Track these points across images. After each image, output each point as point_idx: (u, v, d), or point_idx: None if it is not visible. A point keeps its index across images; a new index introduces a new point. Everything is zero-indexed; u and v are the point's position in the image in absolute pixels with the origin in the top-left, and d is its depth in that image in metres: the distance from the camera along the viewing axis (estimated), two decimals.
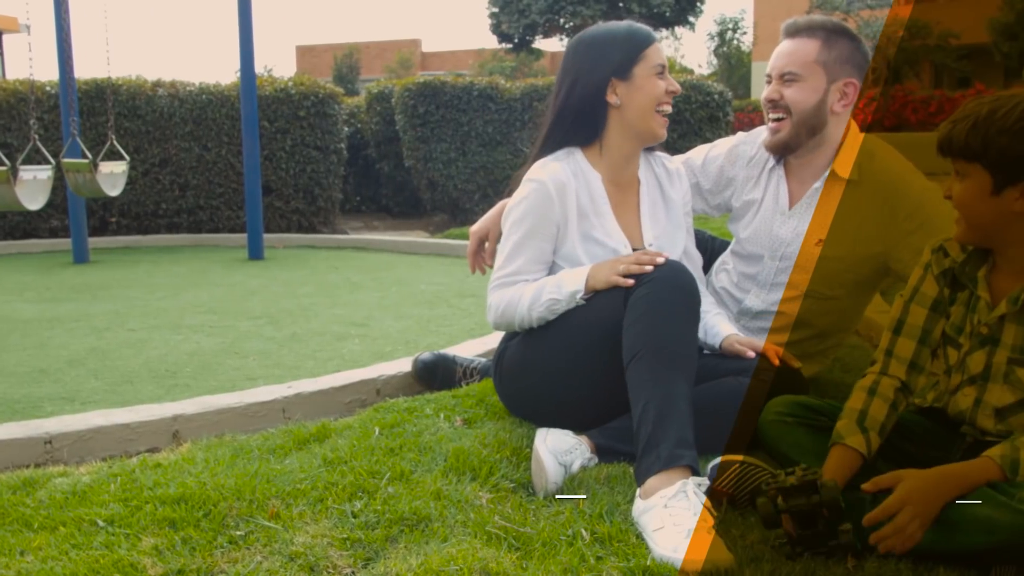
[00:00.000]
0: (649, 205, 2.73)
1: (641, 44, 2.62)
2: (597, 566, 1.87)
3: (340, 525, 2.05)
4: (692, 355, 2.32)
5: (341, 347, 4.18)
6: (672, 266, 2.41)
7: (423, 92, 9.55)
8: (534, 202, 2.59)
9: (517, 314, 2.57)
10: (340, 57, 38.92)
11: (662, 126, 2.65)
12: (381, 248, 8.17)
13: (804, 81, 2.74)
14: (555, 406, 2.58)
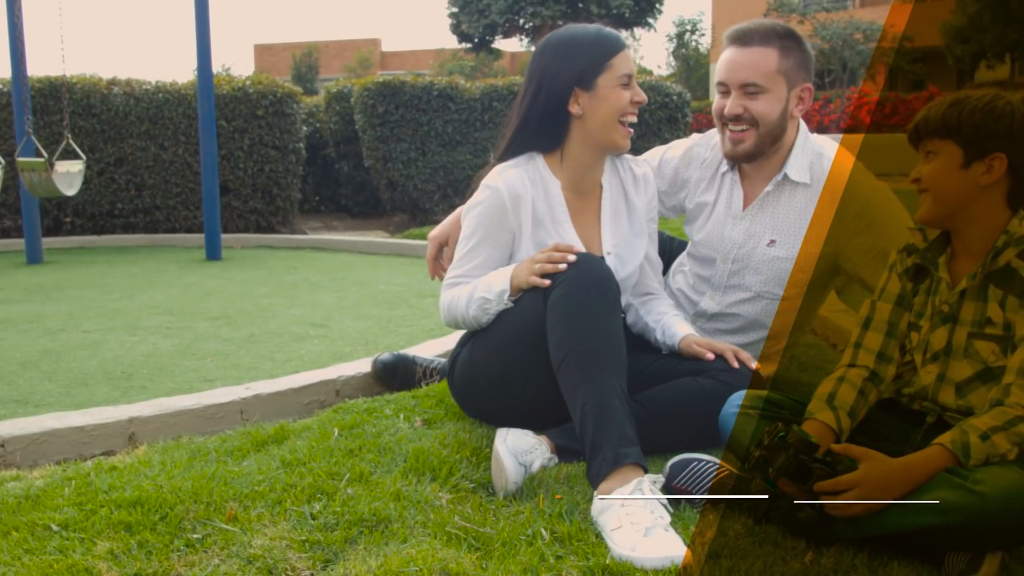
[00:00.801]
0: (611, 212, 2.72)
1: (607, 53, 2.57)
2: (557, 565, 1.87)
3: (299, 527, 2.04)
4: (618, 348, 2.30)
5: (300, 348, 4.16)
6: (585, 261, 2.39)
7: (382, 92, 9.51)
8: (488, 209, 2.59)
9: (459, 313, 2.59)
10: (299, 56, 38.68)
11: (625, 137, 2.62)
12: (340, 248, 8.12)
13: (769, 92, 2.72)
14: (503, 408, 2.59)
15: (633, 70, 2.62)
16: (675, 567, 1.85)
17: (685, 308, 3.00)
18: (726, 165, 2.91)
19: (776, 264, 2.82)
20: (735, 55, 2.74)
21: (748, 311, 2.89)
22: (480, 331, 2.59)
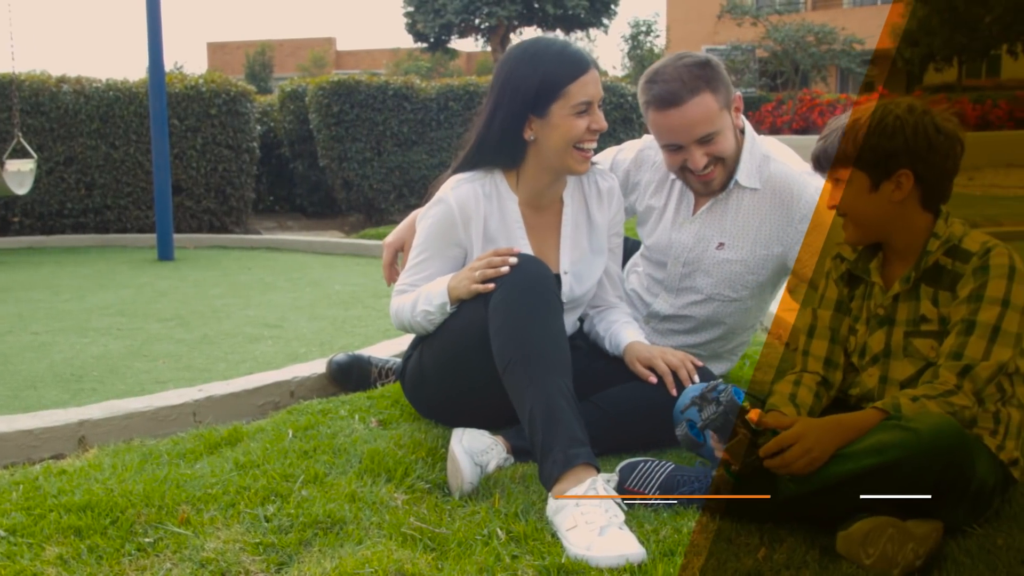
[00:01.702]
0: (571, 229, 2.70)
1: (564, 79, 2.47)
2: (512, 565, 1.88)
3: (252, 530, 2.02)
4: (562, 348, 2.30)
5: (254, 349, 4.12)
6: (523, 263, 2.38)
7: (337, 91, 9.46)
8: (438, 223, 2.57)
9: (406, 320, 2.59)
10: (253, 54, 38.37)
11: (581, 162, 2.55)
12: (295, 248, 8.07)
13: (721, 133, 2.69)
14: (455, 410, 2.59)
15: (595, 95, 2.51)
16: (630, 565, 1.86)
17: (639, 309, 3.02)
18: None
19: (726, 267, 2.84)
20: (677, 117, 2.65)
21: (700, 312, 2.92)
22: (428, 336, 2.59)
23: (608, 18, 26.98)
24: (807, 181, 2.77)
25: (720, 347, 3.02)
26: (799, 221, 2.76)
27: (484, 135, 2.57)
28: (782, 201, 2.78)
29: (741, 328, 3.01)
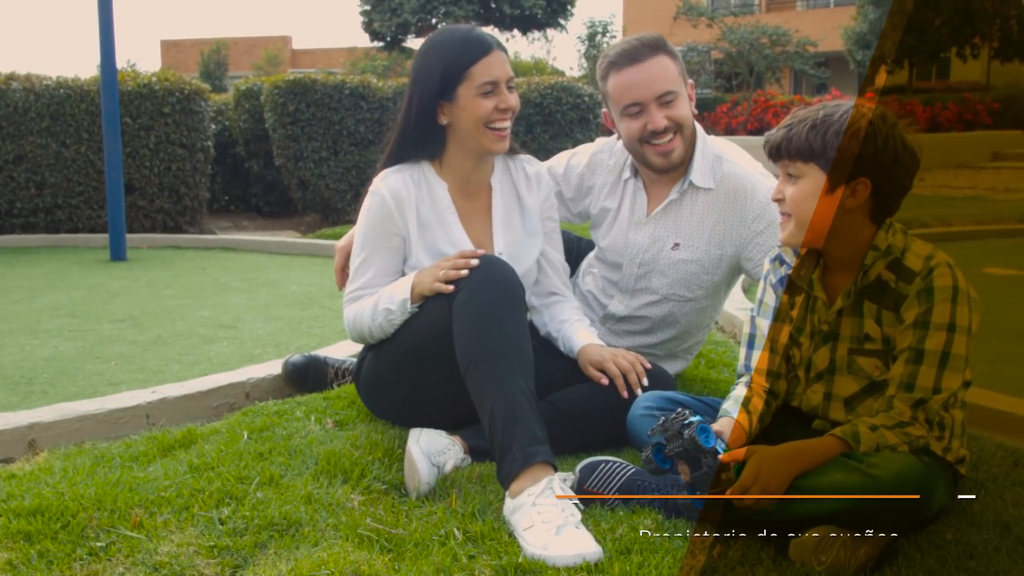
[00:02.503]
0: (502, 212, 2.73)
1: (466, 62, 2.53)
2: (470, 565, 1.88)
3: (207, 533, 2.00)
4: (524, 349, 2.31)
5: (208, 350, 4.08)
6: (488, 264, 2.40)
7: (293, 90, 9.39)
8: (375, 215, 2.60)
9: (365, 327, 2.57)
10: (207, 53, 37.95)
11: (496, 141, 2.60)
12: (250, 248, 8.00)
13: (679, 96, 2.78)
14: (411, 412, 2.59)
15: (500, 75, 2.57)
16: (586, 564, 1.87)
17: (595, 310, 3.03)
18: (628, 171, 2.95)
19: (681, 267, 2.87)
20: (638, 73, 2.75)
21: (656, 313, 2.94)
22: (387, 341, 2.58)
23: (565, 18, 27.02)
24: (760, 181, 2.82)
25: (675, 347, 3.04)
26: (752, 221, 2.79)
27: (404, 126, 2.63)
28: (735, 201, 2.81)
29: (696, 328, 3.04)
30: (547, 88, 10.19)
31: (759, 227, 2.78)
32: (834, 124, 1.98)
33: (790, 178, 2.07)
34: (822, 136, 1.98)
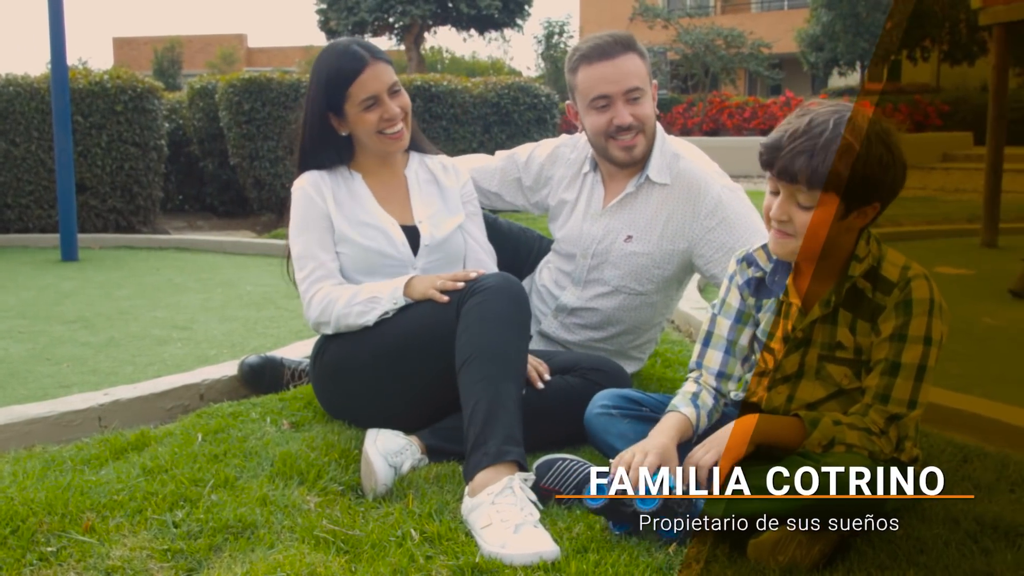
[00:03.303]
0: (420, 194, 2.83)
1: (342, 84, 2.67)
2: (427, 565, 1.88)
3: (160, 536, 1.98)
4: (522, 361, 2.39)
5: (162, 351, 4.04)
6: (504, 278, 2.48)
7: (248, 88, 9.31)
8: (301, 204, 2.73)
9: (335, 312, 2.59)
10: (161, 50, 37.51)
11: (393, 143, 2.75)
12: (205, 248, 7.91)
13: (646, 95, 2.84)
14: (377, 408, 2.58)
15: (377, 89, 2.68)
16: (544, 563, 1.88)
17: (547, 303, 3.05)
18: (588, 165, 2.99)
19: (633, 259, 2.90)
20: (609, 68, 2.80)
21: (606, 305, 2.97)
22: (367, 332, 2.57)
23: (522, 18, 27.09)
24: (715, 180, 2.86)
25: (627, 344, 3.07)
26: (704, 217, 2.83)
27: (304, 141, 2.77)
28: (689, 197, 2.85)
29: (647, 325, 3.06)
30: (504, 88, 10.20)
31: (711, 224, 2.82)
32: (861, 154, 1.90)
33: (800, 205, 1.98)
34: (850, 167, 1.90)
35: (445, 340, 2.41)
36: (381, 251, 2.70)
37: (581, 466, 2.23)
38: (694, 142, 3.19)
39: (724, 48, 25.28)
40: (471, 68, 37.19)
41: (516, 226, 3.24)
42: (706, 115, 21.20)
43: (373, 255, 2.70)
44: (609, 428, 2.28)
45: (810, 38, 26.78)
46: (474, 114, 9.99)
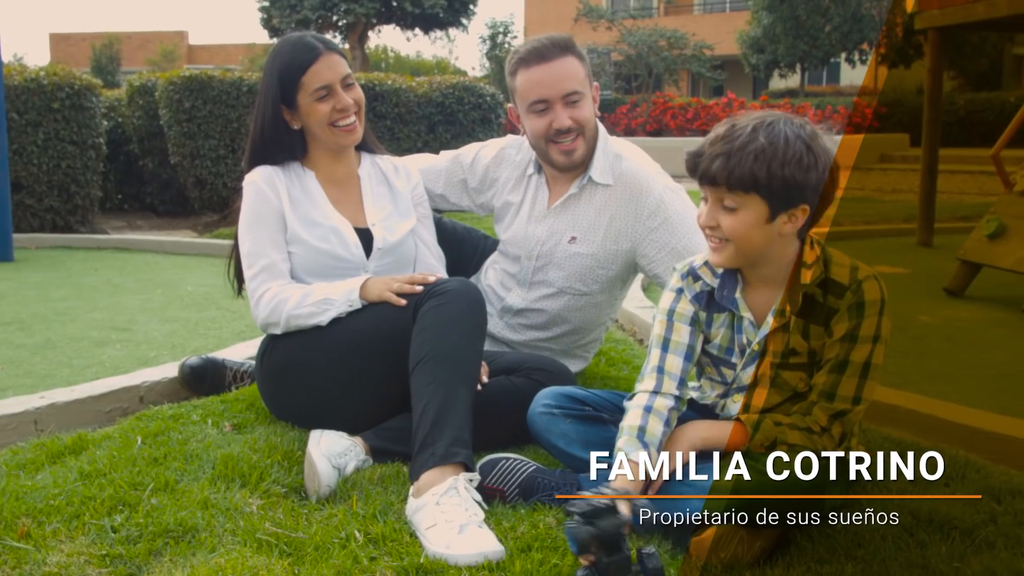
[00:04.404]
0: (372, 196, 2.82)
1: (295, 73, 2.66)
2: (371, 567, 1.87)
3: (99, 541, 1.95)
4: (476, 365, 2.39)
5: (100, 353, 3.97)
6: (463, 282, 2.50)
7: (189, 86, 9.19)
8: (253, 200, 2.69)
9: (285, 311, 2.56)
10: (99, 47, 36.91)
11: (345, 136, 2.72)
12: (145, 248, 7.80)
13: (585, 97, 2.83)
14: (325, 409, 2.56)
15: (331, 79, 2.68)
16: (488, 563, 1.88)
17: (493, 303, 3.06)
18: (532, 167, 2.99)
19: (577, 260, 2.91)
20: (546, 71, 2.79)
21: (552, 306, 2.98)
22: (318, 332, 2.55)
23: (467, 18, 27.09)
24: (656, 180, 2.88)
25: (572, 343, 3.08)
26: (647, 218, 2.85)
27: (255, 136, 2.74)
28: (632, 198, 2.87)
29: (593, 324, 3.08)
30: (449, 88, 10.19)
31: (654, 224, 2.85)
32: (778, 153, 1.91)
33: (725, 208, 1.99)
34: (767, 168, 1.91)
35: (400, 342, 2.41)
36: (334, 253, 2.68)
37: (525, 465, 2.24)
38: (638, 142, 3.22)
39: (667, 49, 25.50)
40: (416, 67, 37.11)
41: (460, 226, 3.24)
42: (649, 116, 21.37)
43: (325, 257, 2.67)
44: (551, 427, 2.28)
45: (751, 40, 27.14)
46: (419, 113, 9.97)
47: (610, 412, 2.27)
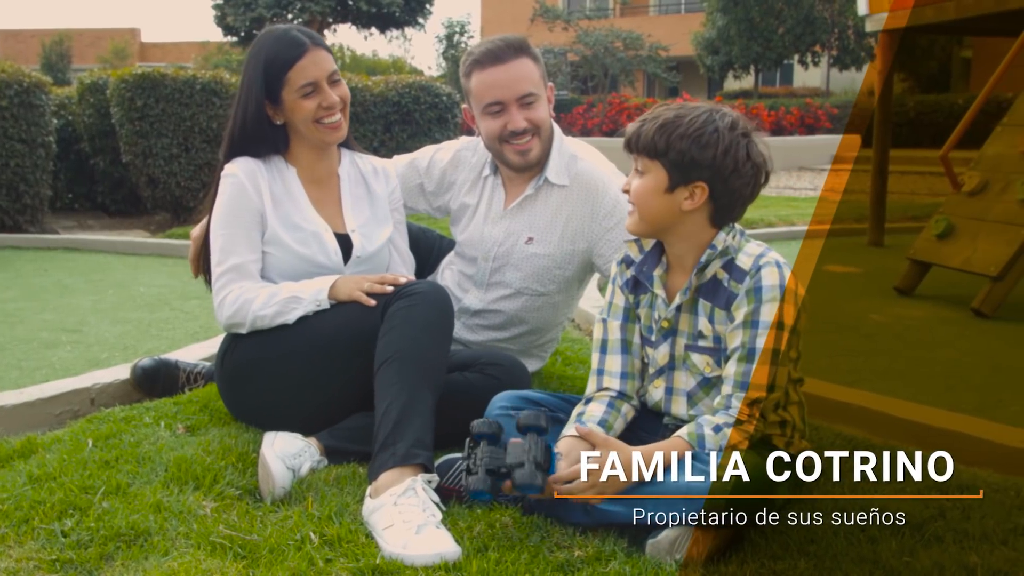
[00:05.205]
0: (351, 200, 2.79)
1: (283, 67, 2.60)
2: (326, 569, 1.86)
3: (49, 546, 1.92)
4: (441, 368, 2.38)
5: (50, 355, 3.91)
6: (433, 285, 2.49)
7: (141, 84, 9.07)
8: (232, 194, 2.62)
9: (251, 311, 2.53)
10: (49, 44, 36.33)
11: (330, 133, 2.68)
12: (96, 248, 7.69)
13: (540, 99, 2.84)
14: (286, 408, 2.54)
15: (317, 75, 2.62)
16: (445, 563, 1.88)
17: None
18: (488, 168, 2.99)
19: (535, 261, 2.92)
20: (501, 73, 2.79)
21: (509, 307, 2.98)
22: (283, 330, 2.53)
23: (423, 17, 27.00)
24: (612, 180, 2.90)
25: (530, 343, 3.09)
26: (603, 218, 2.87)
27: (234, 129, 2.68)
28: (588, 198, 2.88)
29: (550, 324, 3.09)
30: (405, 87, 10.16)
31: (610, 224, 2.86)
32: (681, 127, 2.04)
33: (638, 172, 2.12)
34: (667, 137, 2.04)
35: (366, 342, 2.40)
36: (313, 259, 2.64)
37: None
38: (593, 143, 3.23)
39: (623, 50, 25.60)
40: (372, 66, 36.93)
41: (415, 226, 3.23)
42: (606, 116, 21.45)
43: (303, 262, 2.63)
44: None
45: (706, 42, 27.33)
46: (375, 113, 9.93)
47: (566, 414, 2.29)
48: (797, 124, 21.19)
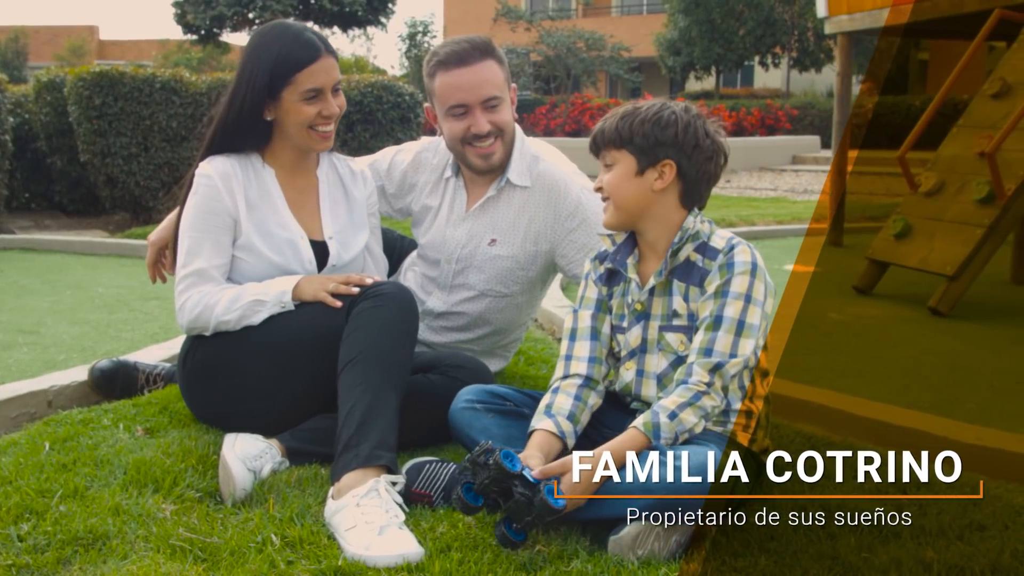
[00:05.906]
0: (329, 203, 2.75)
1: (293, 67, 2.54)
2: (288, 571, 1.85)
3: (4, 551, 1.90)
4: (405, 369, 2.37)
5: (6, 357, 3.85)
6: (398, 286, 2.48)
7: (99, 82, 8.96)
8: (204, 196, 2.57)
9: (214, 315, 2.50)
10: (4, 41, 35.81)
11: (320, 140, 2.64)
12: (53, 249, 7.59)
13: (504, 102, 2.82)
14: (248, 409, 2.52)
15: (325, 82, 2.59)
16: (407, 564, 1.88)
17: None
18: (450, 170, 2.98)
19: (498, 262, 2.92)
20: (466, 75, 2.77)
21: (473, 309, 2.98)
22: (247, 331, 2.50)
23: (386, 16, 26.88)
24: (574, 180, 2.91)
25: (494, 343, 3.09)
26: (565, 218, 2.87)
27: (227, 120, 2.61)
28: (550, 199, 2.89)
29: (514, 324, 3.09)
30: (368, 87, 10.11)
31: (572, 224, 2.87)
32: (640, 114, 2.18)
33: (607, 168, 2.22)
34: (629, 124, 2.17)
35: (330, 343, 2.38)
36: (287, 267, 2.60)
37: (447, 469, 2.25)
38: (556, 143, 3.23)
39: (585, 51, 25.67)
40: None
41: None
42: (568, 116, 21.49)
43: (277, 270, 2.59)
44: (473, 423, 2.29)
45: (668, 42, 27.49)
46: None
47: (531, 408, 2.30)
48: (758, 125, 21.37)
